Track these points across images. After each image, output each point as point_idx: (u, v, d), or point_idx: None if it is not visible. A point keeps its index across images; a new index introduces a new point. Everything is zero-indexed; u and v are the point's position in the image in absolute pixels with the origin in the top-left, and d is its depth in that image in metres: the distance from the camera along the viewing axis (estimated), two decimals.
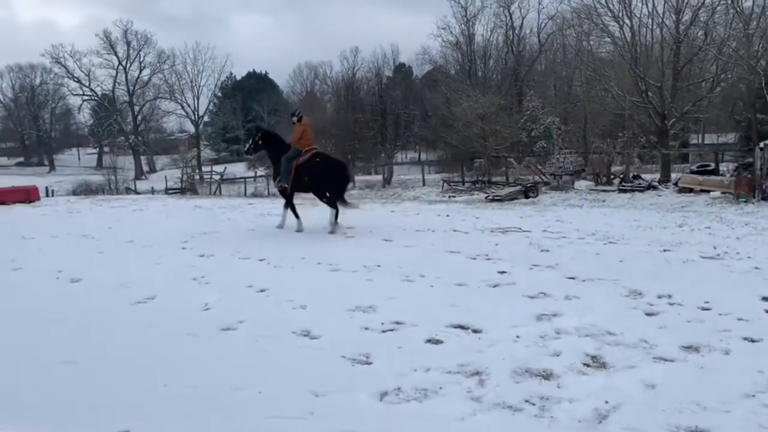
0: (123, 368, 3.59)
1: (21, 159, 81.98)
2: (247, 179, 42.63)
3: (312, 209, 10.81)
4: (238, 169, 56.28)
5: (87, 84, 70.84)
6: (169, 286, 5.77)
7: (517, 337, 4.02)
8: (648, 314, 4.56)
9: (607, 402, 3.02)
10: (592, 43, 31.94)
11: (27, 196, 18.37)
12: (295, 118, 9.86)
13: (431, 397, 3.12)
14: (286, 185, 9.61)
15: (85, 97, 72.81)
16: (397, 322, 4.36)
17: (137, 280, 6.00)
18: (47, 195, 27.31)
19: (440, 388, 3.22)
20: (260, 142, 10.16)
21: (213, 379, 3.38)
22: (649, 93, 26.03)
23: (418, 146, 64.69)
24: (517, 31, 51.70)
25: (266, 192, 34.16)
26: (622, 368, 3.49)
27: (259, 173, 49.26)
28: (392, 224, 10.44)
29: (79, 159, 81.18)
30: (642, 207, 16.08)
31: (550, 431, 2.76)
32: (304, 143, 9.55)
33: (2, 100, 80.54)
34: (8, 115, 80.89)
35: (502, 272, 6.05)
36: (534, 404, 3.03)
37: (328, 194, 9.42)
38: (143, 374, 3.49)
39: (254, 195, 31.27)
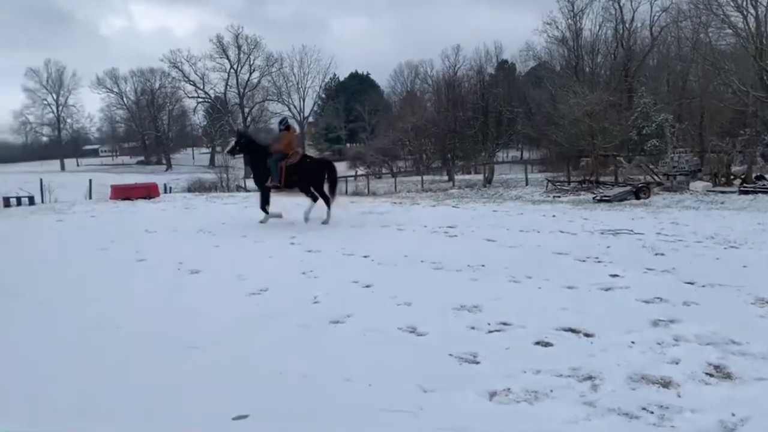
0: (240, 355, 3.78)
1: (141, 158, 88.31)
2: (347, 178, 43.50)
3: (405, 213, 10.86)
4: (339, 168, 57.45)
5: (201, 87, 75.24)
6: (280, 279, 6.01)
7: (632, 342, 3.85)
8: None
9: (733, 414, 2.83)
10: (710, 34, 29.95)
11: (148, 192, 19.74)
12: (282, 126, 11.29)
13: (542, 400, 3.06)
14: (278, 183, 10.58)
15: (200, 100, 77.26)
16: (504, 323, 4.30)
17: (251, 273, 6.29)
18: (165, 192, 29.21)
19: (551, 390, 3.15)
20: (242, 147, 11.12)
21: (324, 369, 3.48)
22: None
23: (521, 145, 63.47)
24: (627, 25, 49.45)
25: (366, 190, 34.74)
26: (749, 380, 3.26)
27: (359, 172, 50.24)
28: (495, 224, 10.31)
29: (193, 158, 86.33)
30: (767, 210, 14.89)
31: None
32: (290, 149, 10.78)
33: (126, 103, 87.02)
34: (131, 116, 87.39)
35: (614, 275, 5.81)
36: (652, 412, 2.89)
37: (318, 189, 10.62)
38: (259, 362, 3.65)
39: (355, 193, 31.85)
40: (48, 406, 3.08)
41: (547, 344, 3.88)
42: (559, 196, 23.28)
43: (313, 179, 10.62)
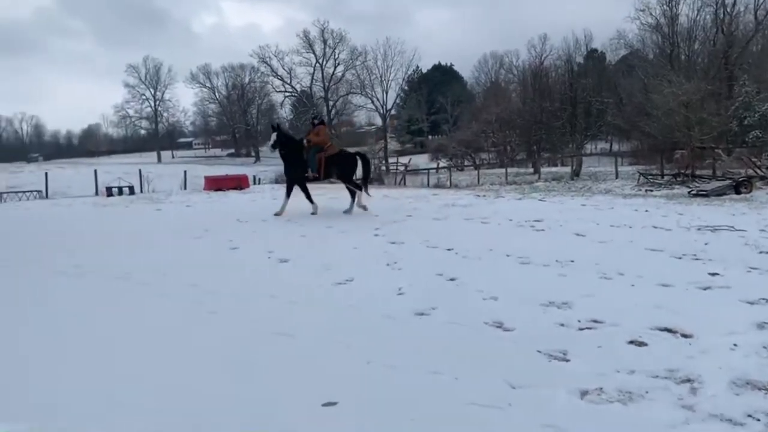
0: (327, 342, 3.87)
1: (232, 150, 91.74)
2: (430, 170, 43.39)
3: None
4: (421, 160, 57.52)
5: (288, 81, 77.09)
6: (365, 270, 6.09)
7: (735, 345, 3.64)
8: None
9: None
10: None
11: (239, 183, 20.54)
12: (317, 120, 11.76)
13: (637, 401, 2.95)
14: (317, 174, 11.13)
15: (287, 94, 79.20)
16: (596, 321, 4.17)
17: (337, 263, 6.42)
18: (254, 183, 30.25)
19: (646, 392, 3.03)
20: (281, 141, 11.41)
21: (410, 360, 3.50)
22: None
23: (611, 136, 61.11)
24: (728, 9, 46.38)
25: (448, 183, 34.52)
26: None
27: (441, 164, 49.99)
28: (583, 218, 10.00)
29: None
30: None
31: None
32: (326, 141, 11.36)
33: (217, 97, 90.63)
34: (222, 110, 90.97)
35: (714, 274, 5.50)
36: (758, 420, 2.73)
37: (350, 180, 11.39)
38: (346, 350, 3.73)
39: (437, 186, 31.73)
40: (153, 380, 3.27)
41: (641, 344, 3.73)
42: (652, 190, 22.22)
43: (350, 170, 11.37)
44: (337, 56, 75.21)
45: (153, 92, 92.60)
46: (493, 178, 36.97)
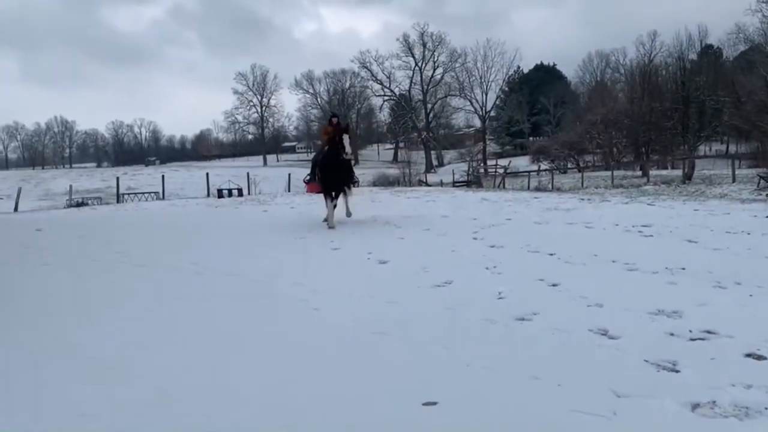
0: (426, 343, 3.93)
1: None
2: (530, 173, 42.51)
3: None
4: (521, 162, 56.44)
5: (387, 85, 78.22)
6: (464, 273, 6.10)
7: None
8: None
9: None
10: None
11: None
12: (335, 119, 10.71)
13: (754, 417, 2.79)
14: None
15: (386, 98, 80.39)
16: (708, 331, 3.96)
17: (435, 266, 6.48)
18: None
19: (766, 408, 2.86)
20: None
21: (511, 365, 3.49)
22: None
23: (727, 137, 57.36)
24: None
25: (550, 186, 33.66)
26: None
27: (542, 167, 48.82)
28: (696, 224, 9.47)
29: (378, 153, 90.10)
30: None
31: None
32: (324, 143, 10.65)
33: (319, 102, 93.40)
34: (324, 115, 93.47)
35: None
36: None
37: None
38: (446, 351, 3.76)
39: (537, 189, 31.01)
40: (261, 372, 3.47)
41: (760, 357, 3.51)
42: None
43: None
44: (436, 59, 75.52)
45: (260, 98, 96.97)
46: (598, 181, 35.66)
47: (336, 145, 10.07)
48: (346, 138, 10.01)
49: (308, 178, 11.30)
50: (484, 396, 3.08)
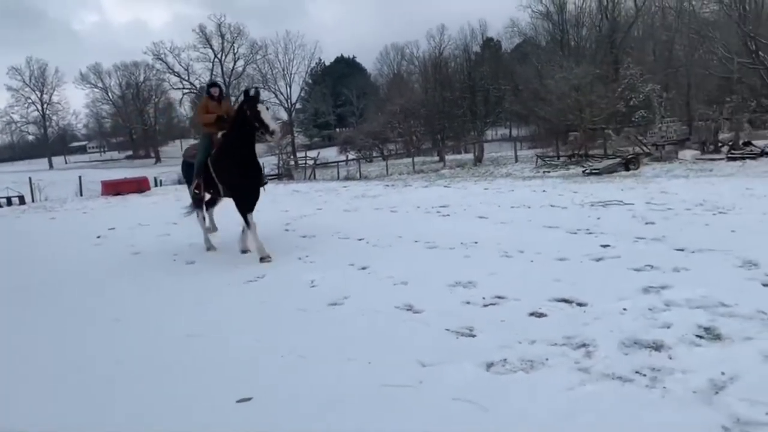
0: (239, 340, 3.86)
1: (130, 152, 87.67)
2: (339, 163, 43.41)
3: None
4: (330, 153, 57.34)
5: (186, 78, 74.56)
6: (276, 266, 6.07)
7: (624, 309, 3.94)
8: (765, 285, 4.32)
9: (723, 373, 2.92)
10: (694, 3, 29.95)
11: (139, 186, 19.76)
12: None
13: (538, 368, 3.14)
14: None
15: (185, 91, 76.54)
16: (499, 297, 4.39)
17: (246, 261, 6.36)
18: (156, 185, 29.12)
19: (546, 359, 3.23)
20: None
21: (325, 350, 3.55)
22: (761, 53, 24.14)
23: (509, 122, 63.42)
24: None
25: (358, 175, 34.69)
26: (738, 340, 3.34)
27: (350, 157, 50.11)
28: (486, 201, 10.40)
29: (181, 150, 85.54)
30: (755, 175, 15.00)
31: (664, 401, 2.71)
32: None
33: (111, 97, 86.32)
34: (117, 111, 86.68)
35: (605, 246, 5.91)
36: (645, 375, 2.98)
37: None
38: (261, 346, 3.72)
39: (347, 178, 31.82)
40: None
41: (541, 315, 3.96)
42: (549, 172, 23.35)
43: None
44: (236, 51, 73.60)
45: (39, 95, 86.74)
46: (401, 167, 37.47)
47: (243, 127, 6.51)
48: (264, 111, 6.45)
49: (195, 182, 7.26)
50: (296, 385, 3.10)
